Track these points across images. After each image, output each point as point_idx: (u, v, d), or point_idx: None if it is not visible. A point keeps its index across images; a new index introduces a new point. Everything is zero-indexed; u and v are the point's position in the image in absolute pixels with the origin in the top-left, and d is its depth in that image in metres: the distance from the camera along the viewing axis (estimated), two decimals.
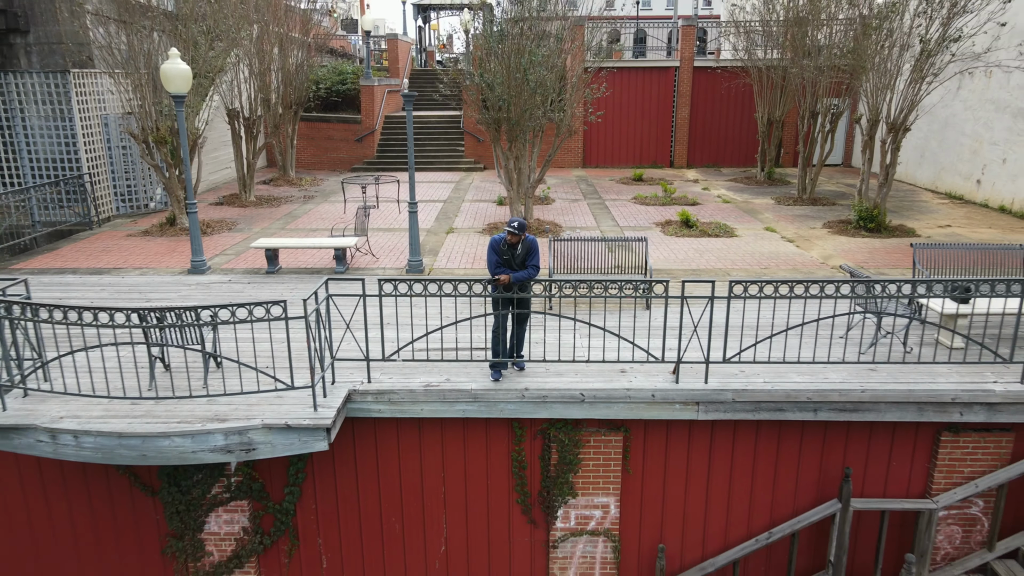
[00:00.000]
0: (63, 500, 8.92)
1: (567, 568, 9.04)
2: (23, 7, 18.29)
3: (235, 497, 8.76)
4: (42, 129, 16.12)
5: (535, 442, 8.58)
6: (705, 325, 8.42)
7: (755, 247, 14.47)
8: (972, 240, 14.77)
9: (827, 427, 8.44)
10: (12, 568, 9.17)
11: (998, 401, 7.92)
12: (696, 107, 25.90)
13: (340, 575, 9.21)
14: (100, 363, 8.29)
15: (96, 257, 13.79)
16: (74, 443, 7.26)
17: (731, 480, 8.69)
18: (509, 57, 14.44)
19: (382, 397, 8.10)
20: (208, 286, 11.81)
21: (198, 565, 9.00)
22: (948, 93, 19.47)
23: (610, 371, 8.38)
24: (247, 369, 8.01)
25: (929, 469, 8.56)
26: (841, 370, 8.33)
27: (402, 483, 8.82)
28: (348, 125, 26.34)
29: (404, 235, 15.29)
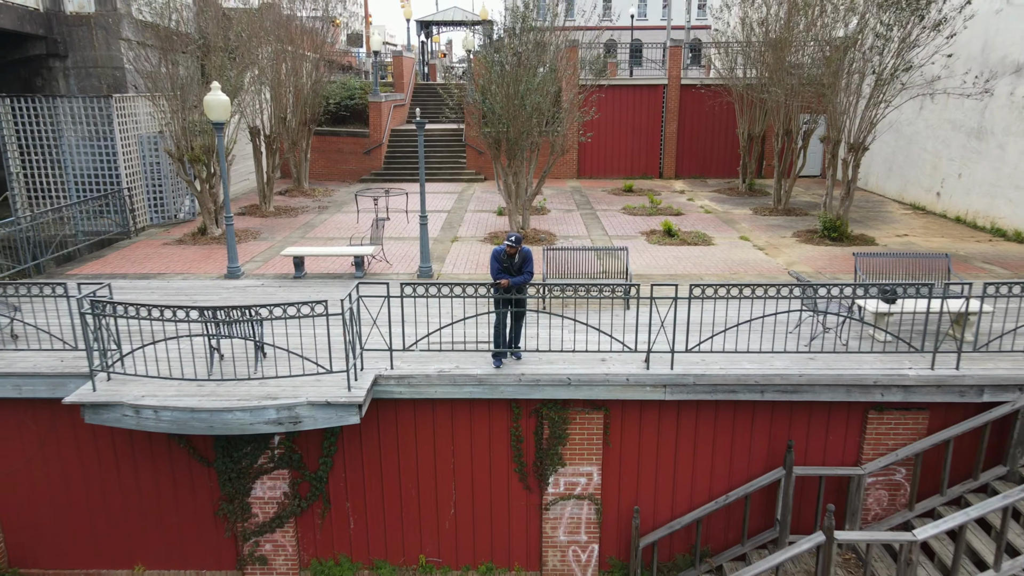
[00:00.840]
0: (131, 469, 10.57)
1: (557, 527, 10.69)
2: (62, 34, 20.05)
3: (277, 467, 10.40)
4: (85, 148, 17.78)
5: (530, 420, 10.24)
6: (673, 322, 10.07)
7: (729, 255, 16.16)
8: (924, 248, 16.47)
9: (773, 406, 10.10)
10: (88, 527, 10.81)
11: (912, 384, 9.60)
12: (683, 122, 27.63)
13: (365, 534, 10.85)
14: (165, 353, 9.94)
15: (139, 264, 15.45)
16: (154, 416, 8.91)
17: (695, 451, 10.34)
18: (508, 85, 16.14)
19: (402, 381, 9.76)
20: (244, 289, 13.47)
21: (245, 525, 10.64)
22: (913, 112, 21.20)
23: (592, 359, 10.04)
24: (287, 356, 9.66)
25: (859, 442, 10.22)
26: (785, 359, 10.00)
27: (418, 455, 10.47)
28: (357, 139, 28.05)
29: (414, 244, 16.95)
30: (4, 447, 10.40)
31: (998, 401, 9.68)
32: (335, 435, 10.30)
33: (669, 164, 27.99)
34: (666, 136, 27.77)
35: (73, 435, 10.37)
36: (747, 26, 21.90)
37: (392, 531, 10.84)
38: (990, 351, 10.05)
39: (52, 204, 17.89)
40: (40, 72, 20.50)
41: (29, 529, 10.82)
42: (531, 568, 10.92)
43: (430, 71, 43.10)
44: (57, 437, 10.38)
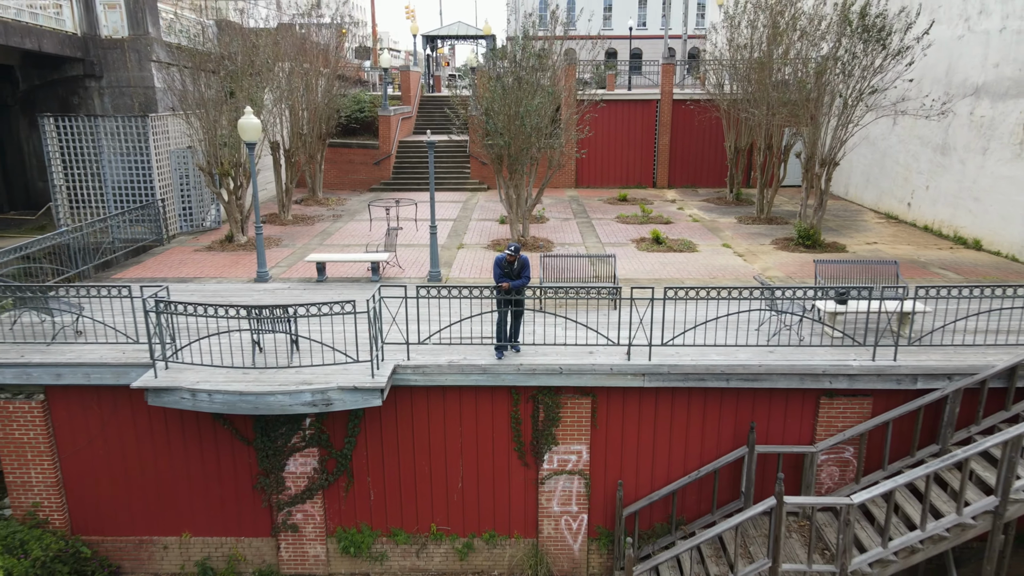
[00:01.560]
0: (181, 449, 12.15)
1: (551, 499, 12.25)
2: (98, 56, 21.71)
3: (308, 445, 11.99)
4: (122, 162, 19.42)
5: (527, 404, 11.81)
6: (650, 320, 11.63)
7: (710, 260, 17.73)
8: (890, 255, 18.02)
9: (738, 393, 11.66)
10: (142, 499, 12.39)
11: (856, 373, 11.16)
12: (675, 134, 29.24)
13: (383, 505, 12.42)
14: (212, 345, 11.53)
15: (176, 268, 17.07)
16: (208, 399, 10.51)
17: (671, 432, 11.91)
18: (510, 106, 17.74)
19: (417, 370, 11.34)
20: (274, 292, 15.08)
21: (280, 497, 12.21)
22: (887, 127, 22.77)
23: (582, 352, 11.61)
24: (318, 348, 11.25)
25: (813, 424, 11.78)
26: (748, 352, 11.56)
27: (430, 435, 12.04)
28: (367, 150, 29.69)
29: (423, 250, 18.54)
30: (71, 428, 12.00)
31: (930, 388, 11.23)
32: (359, 418, 11.88)
33: (662, 174, 29.59)
34: (659, 148, 29.37)
35: (132, 418, 11.96)
36: (733, 47, 23.50)
37: (407, 503, 12.41)
38: (923, 345, 11.63)
39: (92, 214, 19.52)
40: (77, 91, 22.17)
41: (90, 501, 12.40)
42: (528, 535, 12.49)
43: (435, 82, 44.74)
44: (117, 419, 11.98)
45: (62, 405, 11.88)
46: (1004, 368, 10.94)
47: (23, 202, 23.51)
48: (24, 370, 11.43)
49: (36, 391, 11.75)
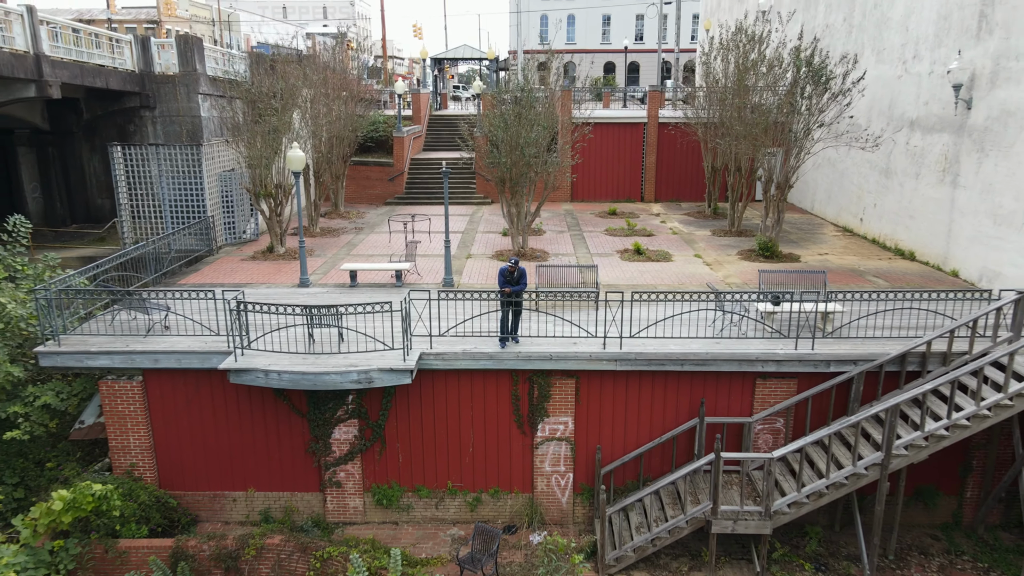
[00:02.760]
0: (248, 420, 15.23)
1: (544, 461, 15.31)
2: (152, 90, 24.93)
3: (351, 417, 15.06)
4: (178, 184, 22.55)
5: (524, 384, 14.88)
6: (621, 318, 14.70)
7: (682, 269, 20.82)
8: (837, 265, 21.08)
9: (691, 375, 14.72)
10: (216, 460, 15.46)
11: (782, 359, 14.23)
12: (661, 153, 32.35)
13: (409, 466, 15.49)
14: (276, 337, 14.62)
15: (228, 275, 20.18)
16: (277, 377, 13.60)
17: (639, 406, 14.97)
18: (511, 138, 20.84)
19: (438, 356, 14.43)
20: (315, 295, 18.18)
21: (326, 459, 15.29)
22: (844, 151, 25.84)
23: (568, 342, 14.69)
24: (357, 338, 14.32)
25: (751, 400, 14.84)
26: (699, 343, 14.63)
27: (447, 410, 15.11)
28: (382, 167, 32.83)
29: (437, 260, 21.60)
30: (162, 403, 15.10)
31: (841, 371, 14.30)
32: (391, 395, 14.96)
33: (649, 189, 32.70)
34: (646, 165, 32.49)
35: (210, 395, 15.06)
36: (708, 80, 26.61)
37: (428, 464, 15.48)
38: (836, 338, 14.71)
39: (151, 229, 22.65)
40: (133, 120, 25.40)
41: (175, 462, 15.48)
42: (525, 491, 15.54)
43: (442, 100, 47.95)
44: (199, 396, 15.07)
45: (156, 385, 14.98)
46: (896, 355, 14.00)
47: (84, 217, 26.65)
48: (129, 356, 14.54)
49: (136, 373, 14.85)
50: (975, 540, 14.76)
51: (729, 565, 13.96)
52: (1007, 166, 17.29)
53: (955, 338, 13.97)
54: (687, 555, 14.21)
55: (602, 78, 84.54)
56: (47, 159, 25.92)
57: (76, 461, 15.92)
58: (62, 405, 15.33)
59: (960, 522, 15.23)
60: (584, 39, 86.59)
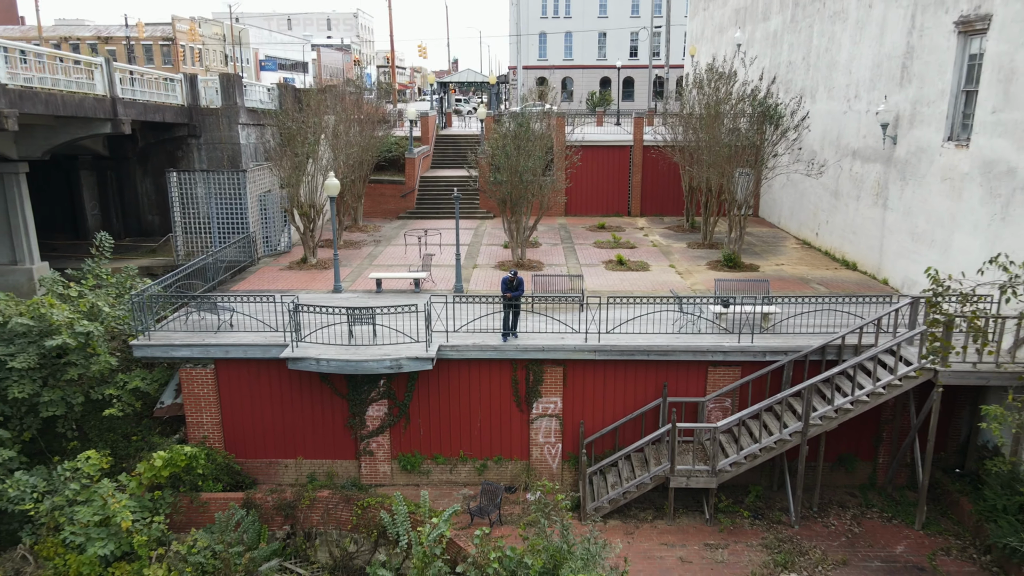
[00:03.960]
0: (298, 400, 18.81)
1: (538, 434, 18.87)
2: (198, 121, 28.62)
3: (382, 398, 18.64)
4: (225, 205, 26.17)
5: (522, 371, 18.46)
6: (598, 318, 18.26)
7: (657, 277, 24.43)
8: (791, 274, 24.68)
9: (656, 363, 18.31)
10: (272, 432, 19.03)
11: (728, 350, 17.84)
12: (645, 172, 36.01)
13: (429, 438, 19.04)
14: (321, 332, 18.21)
15: (270, 283, 23.77)
16: (327, 364, 17.19)
17: (614, 388, 18.55)
18: (511, 166, 24.49)
19: (453, 348, 18.02)
20: (349, 299, 21.78)
21: (362, 432, 18.86)
22: (803, 175, 29.46)
23: (556, 337, 18.28)
24: (389, 333, 17.90)
25: (704, 383, 18.42)
26: (662, 337, 18.22)
27: (459, 392, 18.69)
28: (395, 185, 36.49)
29: (448, 269, 25.17)
30: (231, 386, 18.67)
31: (775, 360, 17.89)
32: (414, 379, 18.54)
33: (635, 205, 36.35)
34: (632, 184, 36.16)
35: (268, 380, 18.63)
36: (685, 109, 30.28)
37: (444, 437, 19.05)
38: (771, 333, 18.33)
39: (200, 243, 26.25)
40: (181, 147, 29.08)
41: (239, 435, 19.04)
42: (523, 458, 19.11)
43: (446, 119, 51.67)
44: (259, 381, 18.65)
45: (224, 371, 18.57)
46: (818, 347, 17.61)
47: (136, 231, 30.27)
48: (205, 348, 18.14)
49: (209, 362, 18.44)
50: (885, 497, 18.32)
51: (685, 515, 17.53)
52: (921, 193, 20.95)
53: (864, 333, 17.58)
54: (652, 507, 17.77)
55: (598, 92, 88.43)
56: (106, 181, 29.56)
57: (156, 434, 19.49)
58: (147, 388, 18.93)
59: (875, 483, 18.79)
60: (581, 55, 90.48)
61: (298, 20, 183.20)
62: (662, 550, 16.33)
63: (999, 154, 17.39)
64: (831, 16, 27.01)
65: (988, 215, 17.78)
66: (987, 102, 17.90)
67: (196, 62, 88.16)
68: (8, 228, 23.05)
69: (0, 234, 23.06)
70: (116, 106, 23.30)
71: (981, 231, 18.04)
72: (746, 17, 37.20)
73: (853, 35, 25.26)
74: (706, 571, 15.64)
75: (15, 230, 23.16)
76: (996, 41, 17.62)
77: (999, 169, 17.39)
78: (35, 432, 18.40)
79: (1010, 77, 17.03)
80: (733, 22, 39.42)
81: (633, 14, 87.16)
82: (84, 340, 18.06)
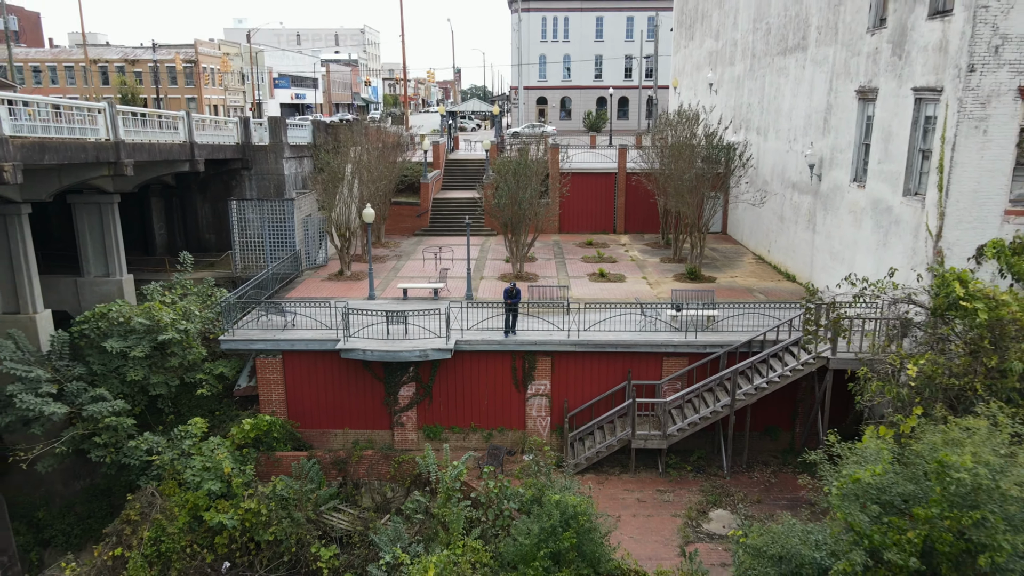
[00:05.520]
0: (345, 383, 24.25)
1: (532, 409, 24.29)
2: (249, 155, 34.23)
3: (411, 381, 24.09)
4: (275, 227, 31.69)
5: (519, 361, 23.90)
6: (579, 319, 23.68)
7: (631, 287, 29.87)
8: (741, 285, 30.10)
9: (623, 355, 23.73)
10: (325, 407, 24.46)
11: (677, 343, 23.29)
12: (628, 195, 41.50)
13: (447, 413, 24.44)
14: (367, 329, 23.68)
15: (316, 291, 29.24)
16: (372, 354, 22.67)
17: (591, 374, 23.97)
18: (512, 196, 29.98)
19: (467, 342, 23.48)
20: (382, 304, 27.20)
21: (395, 408, 24.29)
22: (761, 199, 34.90)
23: (547, 334, 23.72)
24: (416, 330, 23.35)
25: (660, 370, 23.84)
26: (628, 334, 23.67)
27: (471, 376, 24.12)
28: (411, 206, 42.02)
29: (460, 281, 30.58)
30: (294, 372, 24.10)
31: (713, 352, 23.31)
32: (436, 366, 23.98)
33: (620, 223, 41.85)
34: (617, 205, 41.66)
35: (323, 367, 24.08)
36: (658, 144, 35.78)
37: (459, 411, 24.46)
38: (712, 331, 23.77)
39: (254, 259, 31.75)
40: (235, 177, 34.65)
41: (299, 409, 24.46)
42: (520, 428, 24.50)
43: (454, 143, 57.23)
44: (316, 368, 24.10)
45: (289, 360, 24.02)
46: (745, 342, 23.02)
47: (195, 248, 35.66)
48: (276, 343, 23.61)
49: (278, 353, 23.90)
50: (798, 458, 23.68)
51: (643, 470, 22.93)
52: (836, 221, 26.42)
53: (780, 331, 23.01)
54: (618, 465, 23.17)
55: (594, 112, 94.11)
56: (171, 207, 35.10)
57: (235, 410, 24.95)
58: (229, 374, 24.42)
59: (793, 449, 24.15)
60: (579, 76, 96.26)
61: (307, 35, 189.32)
62: (624, 494, 21.76)
63: (882, 195, 22.87)
64: (777, 71, 32.57)
65: (876, 241, 23.25)
66: (875, 154, 23.41)
67: (219, 82, 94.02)
68: (104, 249, 28.56)
69: (98, 253, 28.55)
70: (194, 149, 28.88)
71: (872, 252, 23.49)
72: (717, 60, 42.78)
73: (792, 89, 30.81)
74: (656, 507, 21.07)
75: (109, 250, 28.65)
76: (880, 108, 23.13)
77: (882, 207, 22.87)
78: (143, 407, 23.90)
79: (888, 137, 22.53)
80: (707, 63, 45.01)
81: (627, 39, 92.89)
82: (184, 336, 23.58)
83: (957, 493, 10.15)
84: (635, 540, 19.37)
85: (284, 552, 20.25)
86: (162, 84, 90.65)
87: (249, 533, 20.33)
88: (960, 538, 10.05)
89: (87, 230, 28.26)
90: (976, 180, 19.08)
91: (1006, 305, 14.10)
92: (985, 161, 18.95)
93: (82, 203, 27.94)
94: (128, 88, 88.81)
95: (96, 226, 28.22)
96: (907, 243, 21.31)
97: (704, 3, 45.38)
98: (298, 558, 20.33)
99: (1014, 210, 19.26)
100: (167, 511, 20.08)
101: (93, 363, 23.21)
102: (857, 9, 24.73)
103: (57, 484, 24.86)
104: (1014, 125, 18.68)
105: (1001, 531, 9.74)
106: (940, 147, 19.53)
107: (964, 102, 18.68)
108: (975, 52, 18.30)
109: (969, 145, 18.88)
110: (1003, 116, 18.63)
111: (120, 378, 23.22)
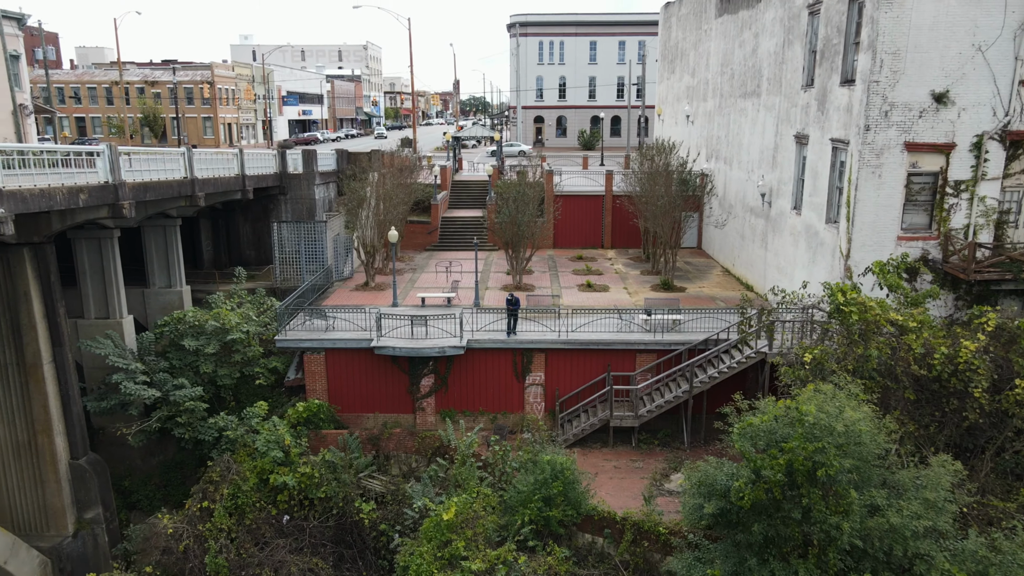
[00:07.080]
0: (376, 374, 29.59)
1: (529, 396, 29.62)
2: (285, 182, 39.69)
3: (430, 373, 29.43)
4: (310, 245, 37.06)
5: (519, 356, 29.26)
6: (568, 322, 29.02)
7: (613, 296, 35.27)
8: (707, 294, 35.51)
9: (604, 351, 29.07)
10: (359, 394, 29.77)
11: (649, 342, 28.69)
12: (615, 215, 46.97)
13: (461, 399, 29.76)
14: (396, 330, 29.01)
15: (346, 300, 34.58)
16: (400, 350, 28.04)
17: (578, 367, 29.30)
18: (512, 217, 35.40)
19: (476, 341, 28.85)
20: (405, 311, 32.53)
21: (417, 395, 29.62)
22: (729, 219, 40.33)
23: (541, 335, 29.08)
24: (436, 330, 28.69)
25: (634, 363, 29.17)
26: (609, 334, 29.04)
27: (480, 368, 29.45)
28: (423, 224, 47.46)
29: (468, 291, 35.93)
30: (335, 366, 29.41)
31: (676, 348, 28.69)
32: (451, 361, 29.32)
33: (607, 239, 47.32)
34: (605, 223, 47.13)
35: (358, 362, 29.39)
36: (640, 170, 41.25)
37: (469, 398, 29.78)
38: (677, 332, 29.18)
39: (292, 272, 37.11)
40: (272, 201, 40.08)
41: (338, 396, 29.75)
42: (520, 412, 29.82)
43: (459, 164, 62.75)
44: (353, 363, 29.41)
45: (331, 356, 29.36)
46: (702, 340, 28.39)
47: (238, 262, 41.07)
48: (320, 342, 28.95)
49: (321, 351, 29.24)
50: None
51: (619, 444, 28.27)
52: (781, 242, 31.87)
53: (731, 332, 28.39)
54: (599, 441, 28.50)
55: (588, 130, 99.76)
56: (217, 227, 40.47)
57: (285, 397, 30.26)
58: (281, 368, 29.75)
59: None
60: (574, 97, 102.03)
61: (311, 52, 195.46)
62: (604, 463, 27.10)
63: (812, 222, 28.34)
64: (739, 111, 38.13)
65: (808, 258, 28.70)
66: (807, 188, 28.89)
67: (234, 102, 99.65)
68: (167, 264, 33.91)
69: (162, 268, 33.90)
70: (245, 181, 34.31)
71: (805, 268, 28.94)
72: (693, 94, 48.37)
73: (750, 128, 36.34)
74: (628, 472, 26.41)
75: (171, 265, 33.99)
76: (811, 152, 28.63)
77: (812, 231, 28.33)
78: (211, 395, 29.23)
79: (816, 175, 28.02)
80: (685, 96, 50.61)
81: (619, 61, 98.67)
82: (246, 336, 28.93)
83: (808, 432, 15.52)
84: (610, 495, 24.69)
85: (333, 507, 25.51)
86: (181, 104, 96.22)
87: (304, 492, 25.57)
88: (809, 460, 15.38)
89: (153, 248, 33.61)
90: (874, 213, 24.56)
91: (872, 309, 19.50)
92: (881, 198, 24.44)
93: (150, 226, 33.31)
94: (149, 108, 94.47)
95: (161, 245, 33.57)
96: (828, 261, 26.79)
97: (683, 43, 51.01)
98: (344, 512, 25.58)
99: (905, 236, 24.76)
100: (241, 474, 25.34)
101: (172, 358, 28.55)
102: (795, 69, 30.29)
103: (136, 460, 30.14)
104: (902, 171, 24.18)
105: (832, 455, 15.09)
106: (848, 186, 25.04)
107: (863, 153, 24.19)
108: (870, 115, 23.81)
109: (868, 186, 24.37)
110: (893, 164, 24.13)
111: (194, 370, 28.55)
